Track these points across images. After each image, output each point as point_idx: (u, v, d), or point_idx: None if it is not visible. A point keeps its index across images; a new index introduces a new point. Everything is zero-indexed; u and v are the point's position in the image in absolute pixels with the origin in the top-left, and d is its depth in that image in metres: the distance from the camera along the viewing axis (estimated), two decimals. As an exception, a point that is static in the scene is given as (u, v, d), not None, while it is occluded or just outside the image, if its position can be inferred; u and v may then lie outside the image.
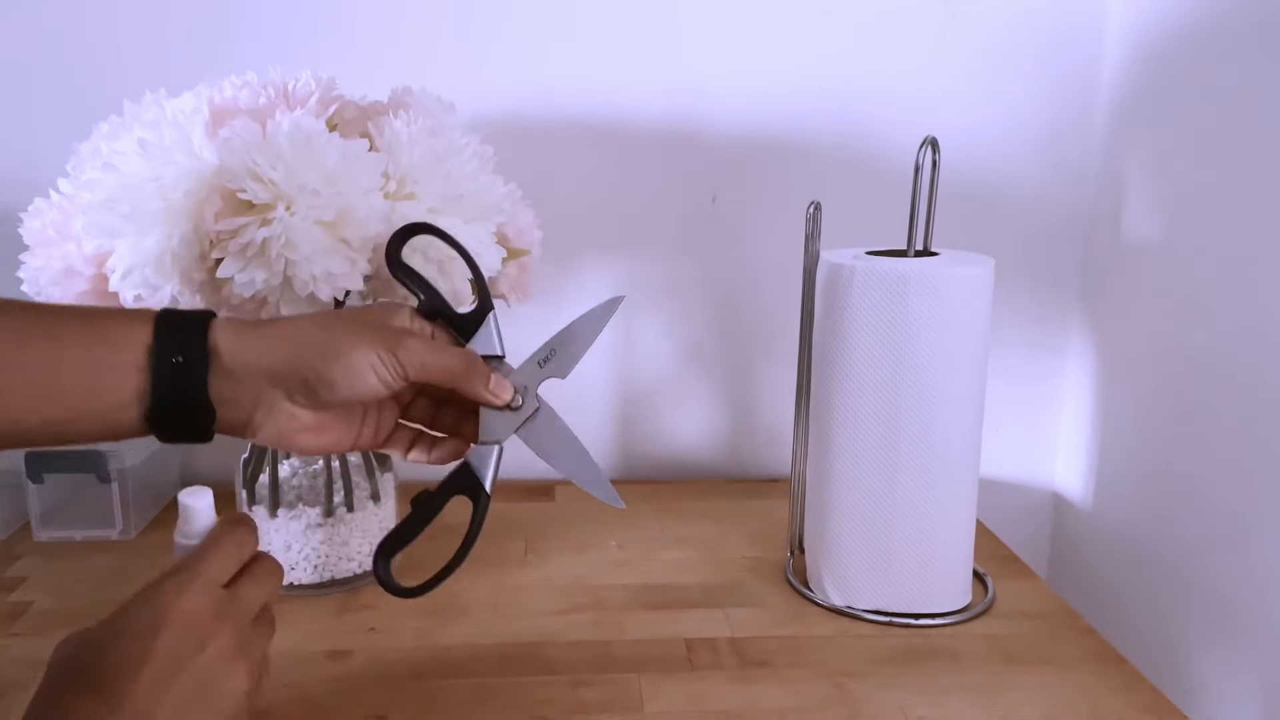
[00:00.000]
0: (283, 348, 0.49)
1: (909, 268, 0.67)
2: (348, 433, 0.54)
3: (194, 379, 0.48)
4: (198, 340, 0.48)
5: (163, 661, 0.42)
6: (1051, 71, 0.95)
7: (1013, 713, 0.61)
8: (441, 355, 0.52)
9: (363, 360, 0.49)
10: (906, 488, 0.69)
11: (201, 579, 0.44)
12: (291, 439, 0.51)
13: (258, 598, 0.48)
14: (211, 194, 0.59)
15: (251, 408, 0.49)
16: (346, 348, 0.49)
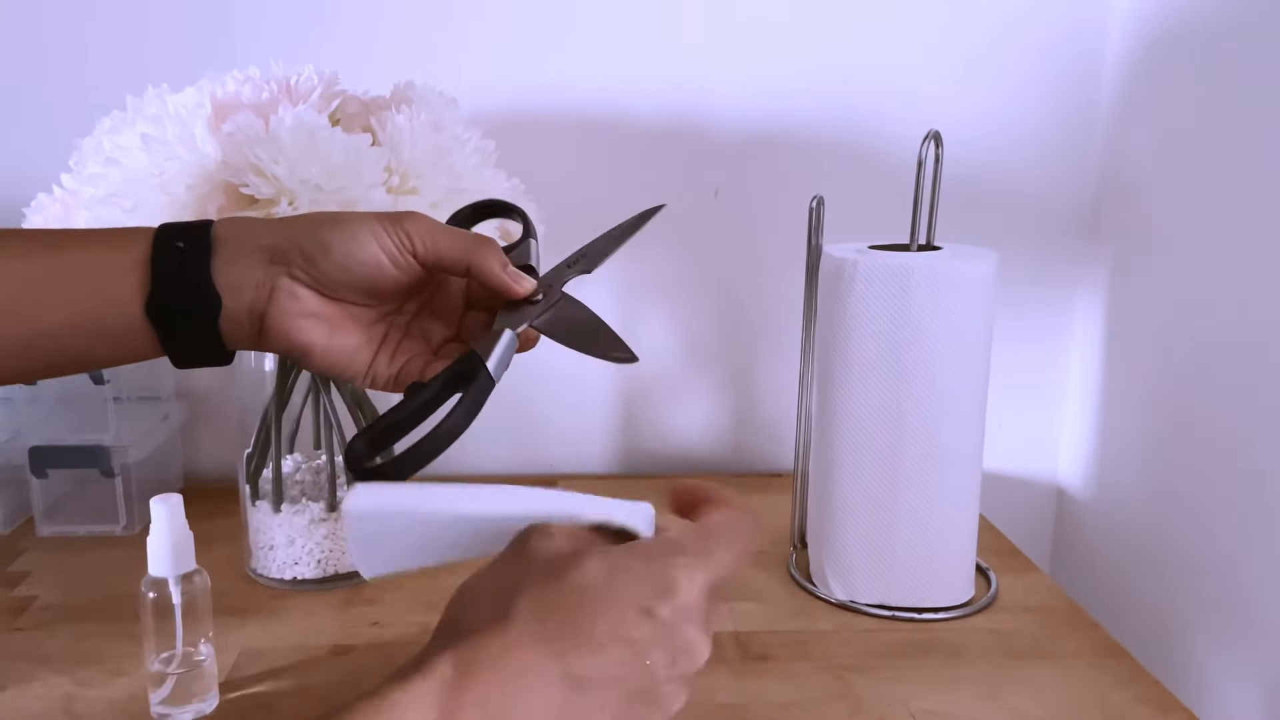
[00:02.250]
0: (282, 225, 0.47)
1: (912, 262, 0.67)
2: (362, 340, 0.49)
3: (196, 261, 0.46)
4: (200, 229, 0.47)
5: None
6: (1054, 65, 0.94)
7: (1015, 706, 0.61)
8: (452, 231, 0.48)
9: (363, 228, 0.46)
10: (909, 482, 0.69)
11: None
12: (296, 325, 0.47)
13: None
14: (214, 189, 0.59)
15: (255, 290, 0.46)
16: (347, 218, 0.47)
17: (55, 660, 0.64)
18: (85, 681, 0.62)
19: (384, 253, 0.46)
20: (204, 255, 0.46)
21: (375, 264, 0.46)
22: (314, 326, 0.47)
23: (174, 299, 0.45)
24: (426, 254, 0.47)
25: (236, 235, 0.46)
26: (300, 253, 0.46)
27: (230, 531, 0.76)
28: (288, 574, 0.74)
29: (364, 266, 0.46)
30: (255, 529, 0.74)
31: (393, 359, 0.50)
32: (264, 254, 0.46)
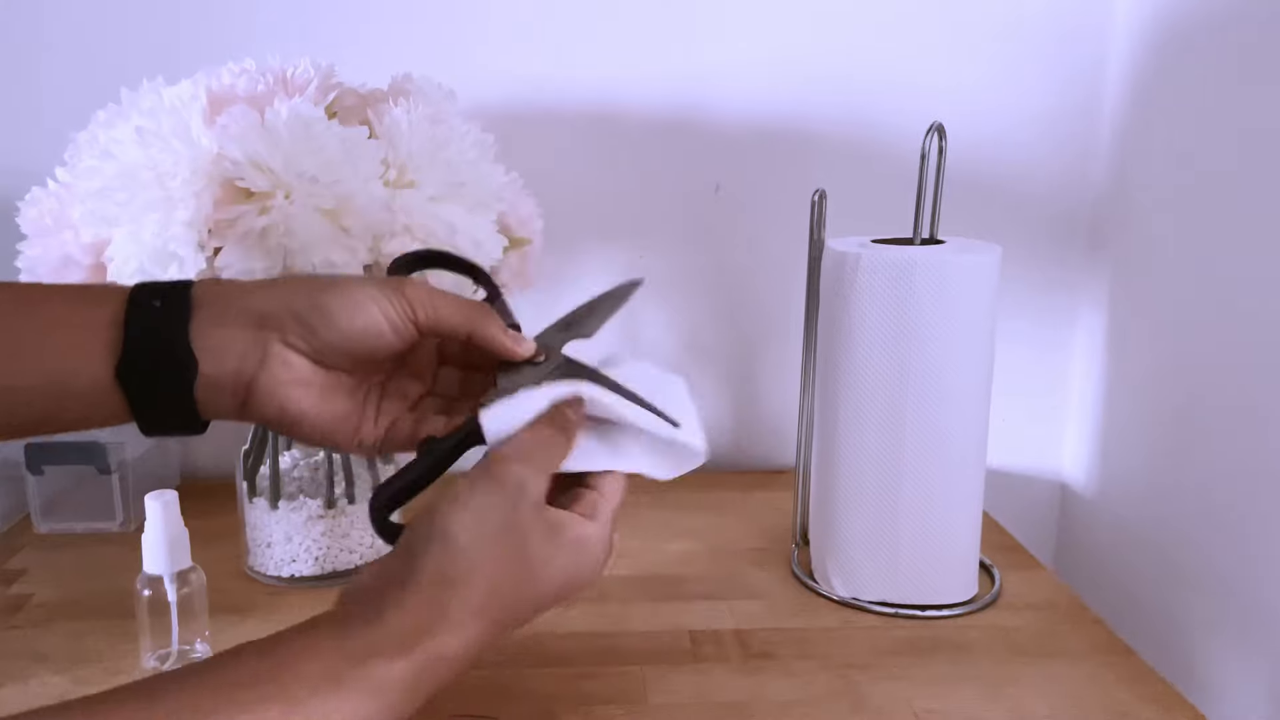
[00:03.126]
0: (274, 290, 0.45)
1: (915, 256, 0.66)
2: (351, 407, 0.48)
3: (173, 322, 0.43)
4: (179, 287, 0.44)
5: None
6: (1059, 58, 0.94)
7: (1019, 704, 0.60)
8: (452, 298, 0.48)
9: (364, 296, 0.45)
10: (912, 478, 0.69)
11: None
12: (288, 395, 0.45)
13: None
14: (210, 182, 0.58)
15: (241, 357, 0.44)
16: (345, 283, 0.46)
17: (52, 658, 0.64)
18: (82, 679, 0.62)
19: (386, 321, 0.45)
20: (182, 315, 0.43)
21: (377, 333, 0.45)
22: (306, 395, 0.46)
23: (147, 361, 0.43)
24: (428, 322, 0.47)
25: (220, 296, 0.44)
26: (296, 319, 0.44)
27: (227, 529, 0.76)
28: (285, 571, 0.73)
29: (365, 335, 0.45)
30: (252, 526, 0.74)
31: (377, 422, 0.50)
32: (252, 318, 0.44)
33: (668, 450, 0.49)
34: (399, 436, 0.50)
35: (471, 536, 0.42)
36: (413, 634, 0.40)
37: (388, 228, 0.62)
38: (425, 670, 0.40)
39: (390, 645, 0.40)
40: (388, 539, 0.46)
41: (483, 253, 0.66)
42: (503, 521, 0.43)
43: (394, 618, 0.40)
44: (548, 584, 0.45)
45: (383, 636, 0.40)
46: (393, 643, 0.40)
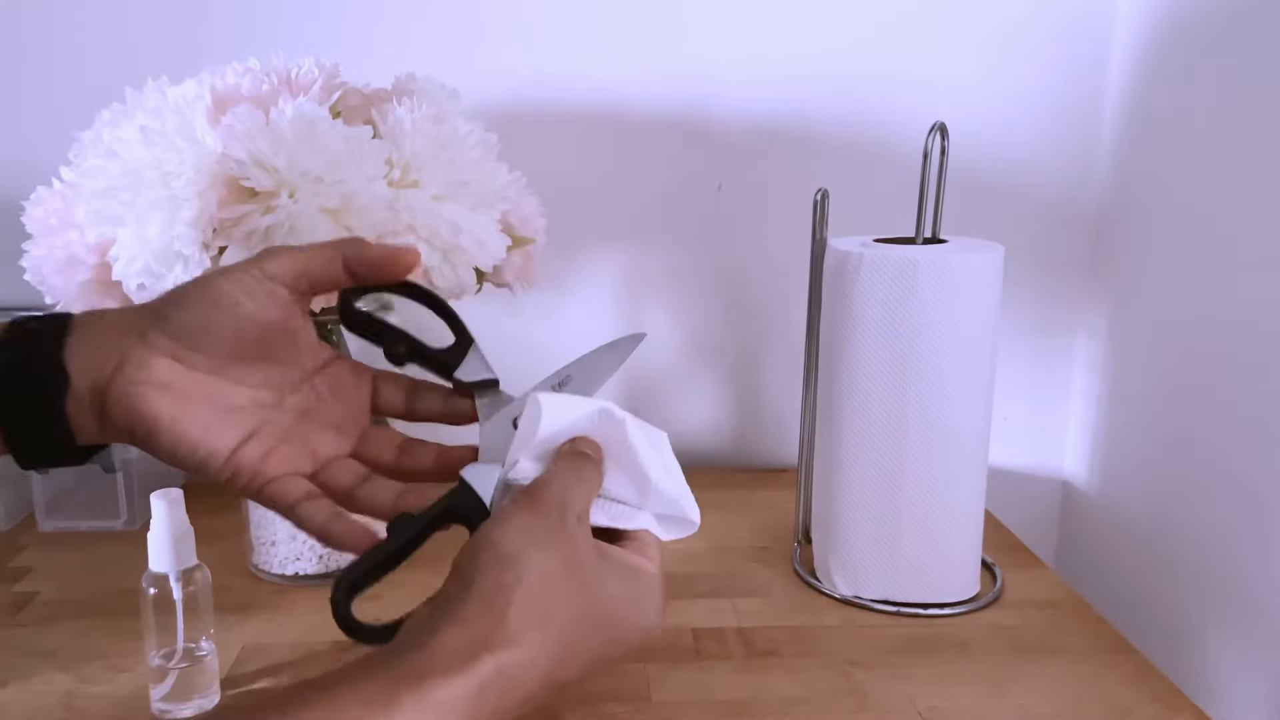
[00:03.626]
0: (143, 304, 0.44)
1: (917, 255, 0.66)
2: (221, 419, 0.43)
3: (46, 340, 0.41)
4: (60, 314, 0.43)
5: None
6: (1061, 58, 0.94)
7: (1022, 703, 0.60)
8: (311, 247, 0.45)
9: (218, 275, 0.43)
10: (914, 477, 0.69)
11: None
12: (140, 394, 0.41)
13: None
14: (214, 181, 0.59)
15: (100, 363, 0.42)
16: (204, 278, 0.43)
17: (57, 656, 0.64)
18: (87, 677, 0.62)
19: (240, 289, 0.42)
20: (57, 334, 0.42)
21: (232, 304, 0.42)
22: (161, 396, 0.42)
23: (19, 382, 0.41)
24: (289, 276, 0.43)
25: (97, 314, 0.43)
26: (153, 313, 0.43)
27: (232, 527, 0.76)
28: (289, 569, 0.73)
29: (219, 310, 0.42)
30: (257, 524, 0.74)
31: (264, 460, 0.44)
32: (117, 328, 0.42)
33: (673, 512, 0.48)
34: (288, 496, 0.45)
35: (519, 545, 0.40)
36: (469, 648, 0.37)
37: (391, 227, 0.62)
38: (488, 689, 0.37)
39: (446, 662, 0.37)
40: (354, 636, 0.42)
41: (486, 252, 0.66)
42: (550, 532, 0.41)
43: (448, 633, 0.38)
44: (609, 607, 0.42)
45: (437, 653, 0.37)
46: (448, 659, 0.37)
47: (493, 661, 0.37)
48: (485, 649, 0.38)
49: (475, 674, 0.37)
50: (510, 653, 0.38)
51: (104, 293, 0.64)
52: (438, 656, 0.37)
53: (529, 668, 0.39)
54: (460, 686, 0.36)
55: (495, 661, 0.37)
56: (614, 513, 0.46)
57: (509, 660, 0.38)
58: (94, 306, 0.64)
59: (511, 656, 0.38)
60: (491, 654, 0.38)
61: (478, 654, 0.37)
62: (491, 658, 0.37)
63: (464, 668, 0.37)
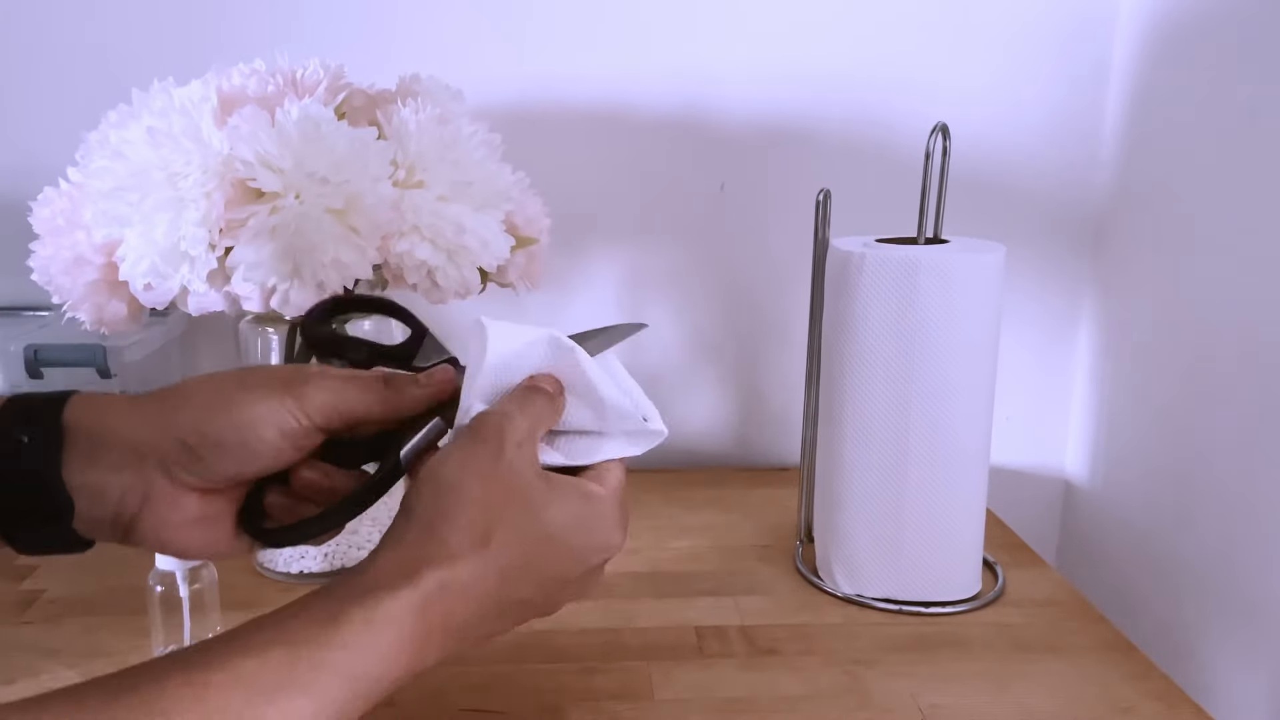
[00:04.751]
0: (156, 412, 0.41)
1: (919, 255, 0.67)
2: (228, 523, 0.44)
3: (44, 458, 0.39)
4: (51, 411, 0.40)
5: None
6: (1063, 58, 0.94)
7: (1023, 701, 0.61)
8: (357, 382, 0.44)
9: (258, 410, 0.41)
10: (916, 476, 0.69)
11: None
12: (174, 535, 0.42)
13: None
14: (221, 182, 0.59)
15: (120, 495, 0.40)
16: (237, 399, 0.41)
17: (64, 654, 0.64)
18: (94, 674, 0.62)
19: (287, 440, 0.42)
20: (54, 449, 0.40)
21: (276, 452, 0.42)
22: (193, 531, 0.42)
23: (20, 503, 0.40)
24: (339, 421, 0.43)
25: (97, 427, 0.40)
26: (185, 451, 0.41)
27: (237, 525, 0.76)
28: (295, 567, 0.74)
29: (264, 458, 0.42)
30: (262, 523, 0.74)
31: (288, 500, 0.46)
32: (131, 453, 0.40)
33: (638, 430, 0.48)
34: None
35: (457, 473, 0.41)
36: (409, 565, 0.38)
37: (396, 227, 0.63)
38: (431, 601, 0.38)
39: (387, 579, 0.37)
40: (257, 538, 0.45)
41: (490, 252, 0.66)
42: (489, 459, 0.41)
43: (389, 555, 0.39)
44: (557, 528, 0.42)
45: (380, 572, 0.38)
46: (390, 576, 0.38)
47: (433, 576, 0.38)
48: (425, 564, 0.38)
49: (416, 587, 0.38)
50: (450, 568, 0.39)
51: (111, 292, 0.64)
52: (380, 574, 0.38)
53: (473, 582, 0.39)
54: (404, 599, 0.37)
55: (436, 576, 0.38)
56: (573, 449, 0.47)
57: (449, 575, 0.38)
58: (101, 306, 0.65)
59: (452, 572, 0.39)
60: (431, 568, 0.38)
61: (418, 569, 0.38)
62: (431, 572, 0.38)
63: (405, 581, 0.37)
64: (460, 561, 0.39)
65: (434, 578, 0.38)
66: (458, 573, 0.39)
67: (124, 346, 0.80)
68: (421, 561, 0.38)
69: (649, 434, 0.48)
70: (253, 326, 0.71)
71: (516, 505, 0.41)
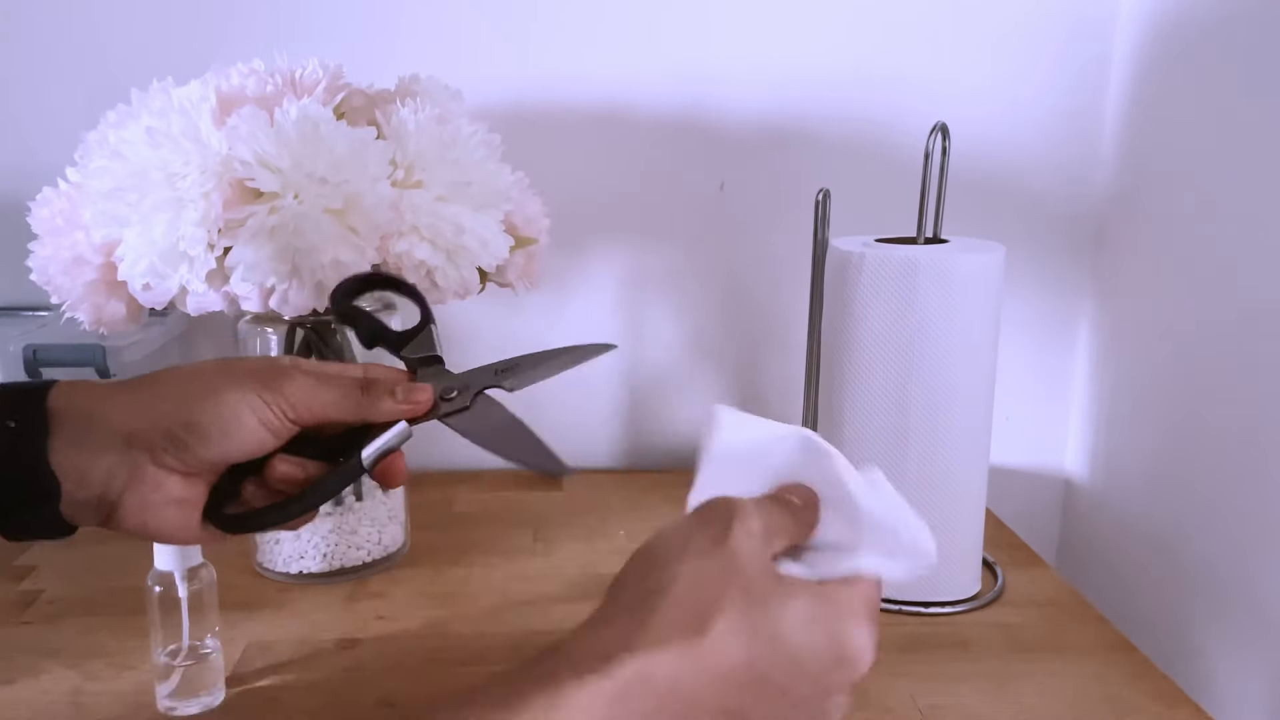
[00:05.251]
0: (140, 401, 0.42)
1: (919, 255, 0.67)
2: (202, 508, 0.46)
3: (30, 445, 0.40)
4: (35, 399, 0.41)
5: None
6: (1063, 58, 0.94)
7: (1023, 701, 0.61)
8: (335, 384, 0.44)
9: (240, 402, 0.42)
10: (916, 475, 0.69)
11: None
12: (157, 515, 0.43)
13: None
14: (220, 182, 0.59)
15: (106, 479, 0.42)
16: (219, 389, 0.42)
17: (63, 654, 0.64)
18: (92, 675, 0.62)
19: (266, 429, 0.43)
20: (40, 437, 0.41)
21: (258, 442, 0.43)
22: (176, 513, 0.44)
23: (3, 486, 0.41)
24: (311, 418, 0.44)
25: (81, 412, 0.42)
26: (168, 437, 0.42)
27: (236, 525, 0.76)
28: (294, 568, 0.74)
29: (245, 446, 0.43)
30: (261, 523, 0.74)
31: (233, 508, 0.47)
32: (117, 437, 0.42)
33: (900, 549, 0.40)
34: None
35: (674, 551, 0.36)
36: (606, 647, 0.33)
37: (395, 227, 0.63)
38: (630, 693, 0.33)
39: (580, 662, 0.33)
40: (218, 525, 0.45)
41: (489, 252, 0.66)
42: (712, 541, 0.36)
43: (585, 635, 0.35)
44: (790, 630, 0.35)
45: (572, 653, 0.34)
46: (582, 659, 0.33)
47: (633, 663, 0.33)
48: (624, 648, 0.33)
49: (612, 674, 0.33)
50: (654, 656, 0.33)
51: (110, 293, 0.64)
52: (572, 656, 0.34)
53: (682, 678, 0.33)
54: (594, 685, 0.32)
55: (636, 663, 0.33)
56: (816, 561, 0.40)
57: (652, 665, 0.33)
58: (100, 306, 0.65)
59: (656, 659, 0.33)
60: (631, 654, 0.33)
61: (614, 654, 0.33)
62: (631, 658, 0.33)
63: (599, 666, 0.33)
64: (667, 649, 0.33)
65: (633, 666, 0.33)
66: (663, 663, 0.33)
67: (123, 346, 0.80)
68: (620, 645, 0.33)
69: (915, 554, 0.40)
70: (252, 326, 0.71)
71: (738, 593, 0.35)
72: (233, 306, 0.63)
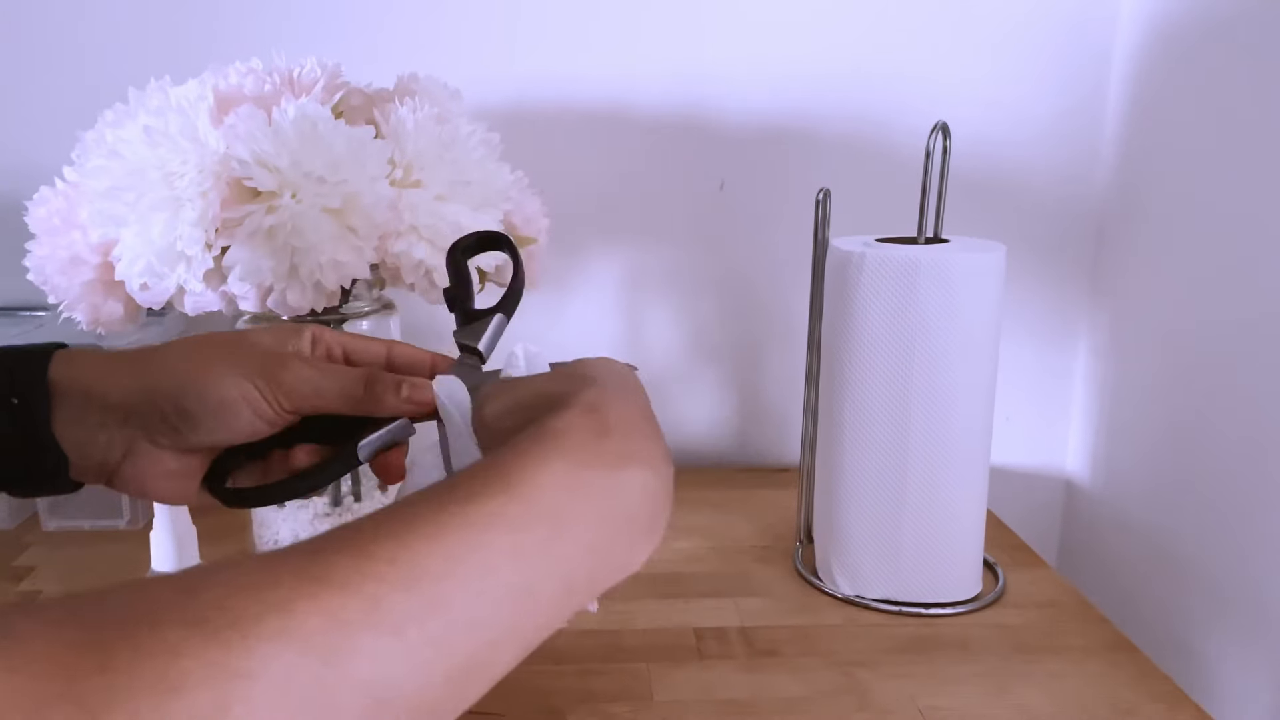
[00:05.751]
0: (137, 378, 0.43)
1: (919, 255, 0.66)
2: (199, 478, 0.47)
3: (35, 420, 0.41)
4: (36, 377, 0.42)
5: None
6: (1064, 57, 0.94)
7: (1024, 702, 0.60)
8: (336, 376, 0.44)
9: (233, 390, 0.42)
10: (916, 476, 0.69)
11: None
12: (154, 486, 0.44)
13: None
14: (217, 181, 0.59)
15: (105, 449, 0.43)
16: (214, 375, 0.42)
17: (60, 655, 0.64)
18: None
19: (260, 416, 0.43)
20: (43, 412, 0.42)
21: (249, 431, 0.43)
22: (170, 483, 0.45)
23: (16, 459, 0.42)
24: (309, 410, 0.44)
25: (81, 388, 0.42)
26: (162, 419, 0.43)
27: (235, 527, 0.76)
28: (292, 569, 0.73)
29: (237, 433, 0.43)
30: (259, 524, 0.74)
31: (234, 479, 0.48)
32: (115, 413, 0.42)
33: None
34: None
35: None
36: (535, 427, 0.37)
37: (394, 227, 0.62)
38: (587, 408, 0.38)
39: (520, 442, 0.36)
40: (223, 500, 0.46)
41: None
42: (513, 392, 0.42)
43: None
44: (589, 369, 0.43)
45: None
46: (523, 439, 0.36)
47: (579, 400, 0.38)
48: (552, 411, 0.38)
49: (565, 412, 0.37)
50: (583, 396, 0.39)
51: (107, 292, 0.64)
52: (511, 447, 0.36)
53: (607, 396, 0.40)
54: (561, 419, 0.37)
55: (580, 401, 0.38)
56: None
57: (583, 398, 0.39)
58: (97, 306, 0.64)
59: (587, 395, 0.39)
60: (564, 405, 0.38)
61: (553, 413, 0.38)
62: (563, 410, 0.38)
63: (550, 420, 0.37)
64: (584, 393, 0.38)
65: (582, 398, 0.38)
66: (588, 395, 0.38)
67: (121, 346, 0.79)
68: (544, 414, 0.37)
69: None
70: (250, 326, 0.71)
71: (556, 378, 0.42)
72: (230, 306, 0.62)
